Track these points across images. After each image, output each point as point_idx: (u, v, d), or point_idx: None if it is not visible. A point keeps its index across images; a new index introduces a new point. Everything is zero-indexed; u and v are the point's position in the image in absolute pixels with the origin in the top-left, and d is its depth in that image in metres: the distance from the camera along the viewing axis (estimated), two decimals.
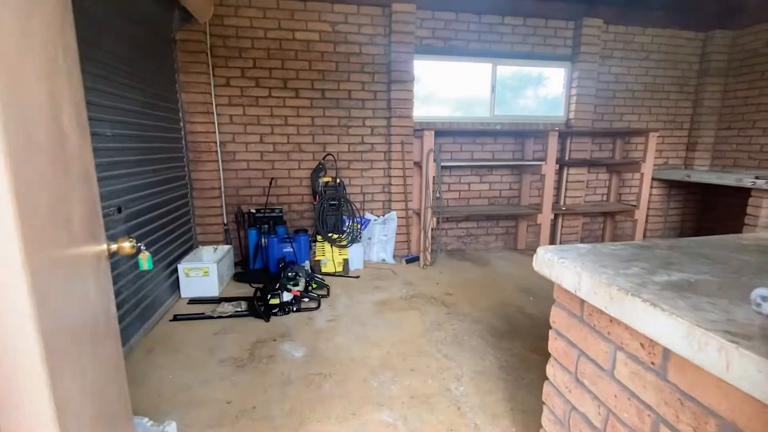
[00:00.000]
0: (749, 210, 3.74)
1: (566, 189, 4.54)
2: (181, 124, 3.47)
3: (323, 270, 3.66)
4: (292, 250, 3.51)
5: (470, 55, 4.15)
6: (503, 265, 4.04)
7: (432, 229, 3.91)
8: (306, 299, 2.92)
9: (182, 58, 3.41)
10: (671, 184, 4.85)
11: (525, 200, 4.53)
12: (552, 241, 4.63)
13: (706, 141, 4.80)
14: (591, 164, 4.36)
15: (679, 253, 1.21)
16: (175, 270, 3.09)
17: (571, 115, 4.43)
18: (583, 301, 1.10)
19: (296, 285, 2.93)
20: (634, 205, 4.50)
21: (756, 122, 4.37)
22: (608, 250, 1.25)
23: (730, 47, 4.56)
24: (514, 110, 4.44)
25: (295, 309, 2.80)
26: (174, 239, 3.18)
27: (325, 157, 3.86)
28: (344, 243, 3.64)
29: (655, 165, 4.39)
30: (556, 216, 4.44)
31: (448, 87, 4.29)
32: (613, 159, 4.63)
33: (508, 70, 4.33)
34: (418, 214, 4.14)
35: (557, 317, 1.24)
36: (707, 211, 4.98)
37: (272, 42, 3.71)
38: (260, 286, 3.15)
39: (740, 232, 4.40)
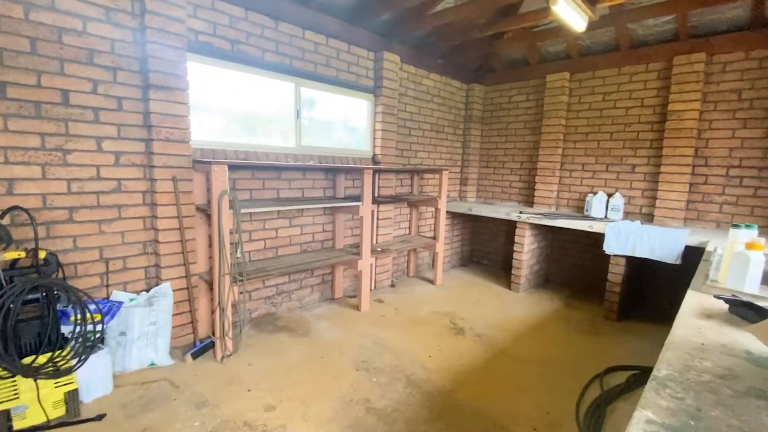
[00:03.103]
0: (516, 239, 4.40)
1: (378, 227, 4.27)
2: None
3: (19, 427, 1.90)
4: None
5: (268, 68, 3.26)
6: (327, 328, 3.30)
7: (232, 302, 2.75)
8: None
9: None
10: (453, 215, 5.40)
11: (340, 242, 3.97)
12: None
13: (472, 177, 5.60)
14: (397, 200, 4.24)
15: None
16: None
17: (378, 150, 4.20)
18: None
19: None
20: (433, 237, 4.70)
21: (505, 163, 5.37)
22: None
23: (484, 99, 5.48)
24: (318, 140, 3.83)
25: None
26: None
27: (4, 214, 2.07)
28: (67, 364, 2.01)
29: None
30: None
31: (241, 106, 3.25)
32: (413, 194, 4.71)
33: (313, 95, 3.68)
34: (208, 282, 2.88)
35: None
36: (476, 235, 5.82)
37: None
38: None
39: (507, 251, 5.26)
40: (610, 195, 4.32)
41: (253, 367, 2.64)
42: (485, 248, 5.73)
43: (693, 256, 3.27)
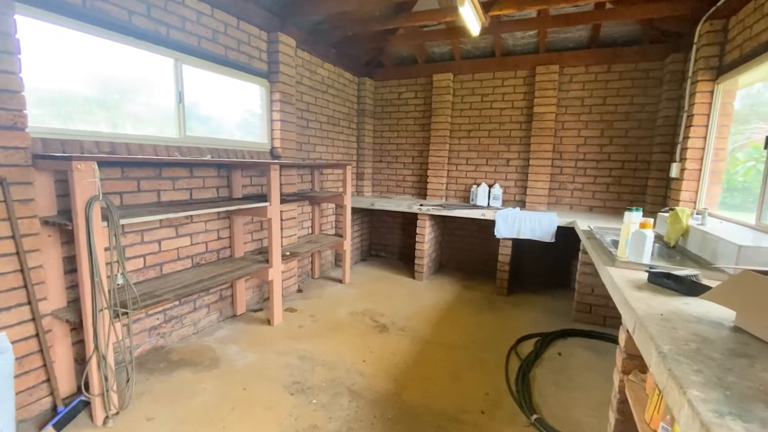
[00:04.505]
0: (418, 230, 4.60)
1: (282, 228, 3.87)
2: None
3: None
4: None
5: (137, 36, 2.54)
6: (239, 353, 2.82)
7: (114, 342, 2.07)
8: None
9: None
10: (353, 211, 5.30)
11: (239, 249, 3.44)
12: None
13: (368, 171, 5.60)
14: (302, 198, 3.92)
15: None
16: None
17: (276, 143, 3.78)
18: None
19: None
20: (339, 235, 4.53)
21: (398, 158, 5.52)
22: None
23: (374, 94, 5.51)
24: (207, 130, 3.21)
25: None
26: None
27: None
28: None
29: None
30: None
31: (103, 84, 2.45)
32: (316, 191, 4.44)
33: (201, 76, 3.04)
34: (69, 321, 2.11)
35: None
36: (374, 229, 5.87)
37: None
38: None
39: (403, 242, 5.46)
40: (490, 186, 4.87)
41: (155, 421, 2.06)
42: (383, 241, 5.83)
43: (559, 234, 3.95)
